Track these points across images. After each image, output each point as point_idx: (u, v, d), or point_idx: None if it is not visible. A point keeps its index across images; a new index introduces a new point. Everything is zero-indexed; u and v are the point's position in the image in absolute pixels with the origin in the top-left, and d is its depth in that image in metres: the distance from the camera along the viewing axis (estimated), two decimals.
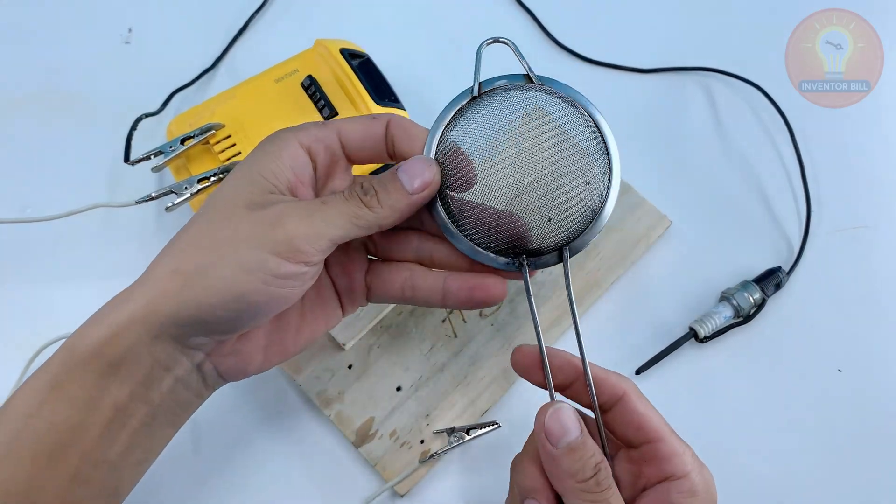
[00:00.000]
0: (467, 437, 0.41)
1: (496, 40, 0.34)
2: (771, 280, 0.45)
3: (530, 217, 0.33)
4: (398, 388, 0.43)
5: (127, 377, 0.29)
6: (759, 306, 0.45)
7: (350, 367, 0.44)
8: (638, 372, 0.44)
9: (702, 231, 0.48)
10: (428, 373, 0.44)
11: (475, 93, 0.34)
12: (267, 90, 0.44)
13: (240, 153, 0.42)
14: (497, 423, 0.41)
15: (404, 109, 0.45)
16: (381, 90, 0.44)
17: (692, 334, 0.44)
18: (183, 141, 0.42)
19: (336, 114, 0.43)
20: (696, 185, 0.50)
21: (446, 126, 0.34)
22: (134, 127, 0.45)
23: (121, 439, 0.30)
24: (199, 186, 0.41)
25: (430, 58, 0.54)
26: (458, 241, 0.34)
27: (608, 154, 0.34)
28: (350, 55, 0.45)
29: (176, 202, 0.41)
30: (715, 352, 0.45)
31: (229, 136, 0.42)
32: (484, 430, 0.41)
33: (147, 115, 0.47)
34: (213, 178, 0.41)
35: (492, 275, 0.34)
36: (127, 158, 0.43)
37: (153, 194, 0.42)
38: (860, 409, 0.44)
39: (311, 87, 0.44)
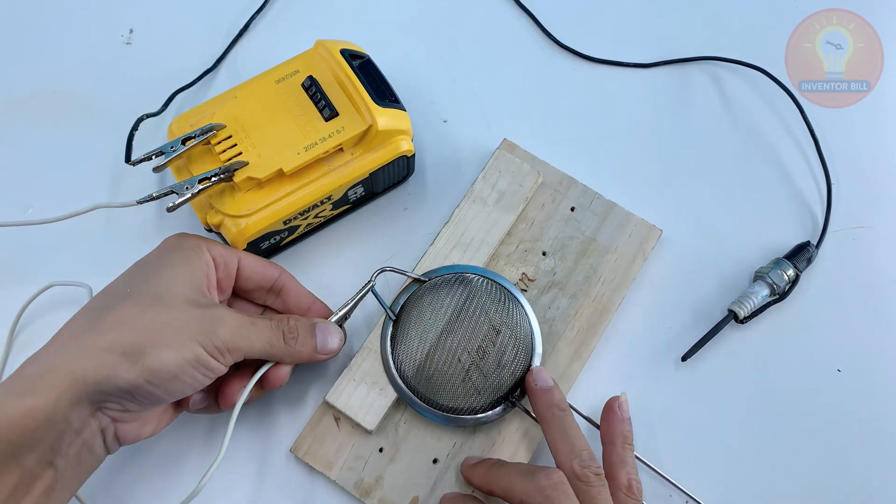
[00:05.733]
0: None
1: (382, 270, 0.43)
2: (802, 255, 0.46)
3: (498, 376, 0.41)
4: (434, 461, 0.42)
5: (38, 443, 0.30)
6: (793, 283, 0.46)
7: (381, 449, 0.42)
8: (684, 359, 0.45)
9: (704, 226, 0.49)
10: (461, 438, 0.42)
11: (393, 317, 0.43)
12: (268, 91, 0.44)
13: (241, 153, 0.42)
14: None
15: (404, 109, 0.45)
16: (381, 90, 0.44)
17: (731, 316, 0.45)
18: (184, 141, 0.42)
19: (337, 114, 0.43)
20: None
21: (392, 352, 0.42)
22: (135, 127, 0.45)
23: None
24: (200, 186, 0.41)
25: (430, 58, 0.54)
26: (463, 422, 0.41)
27: (509, 291, 0.43)
28: (350, 56, 0.45)
29: (177, 202, 0.41)
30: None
31: (230, 137, 0.42)
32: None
33: (148, 116, 0.47)
34: (214, 179, 0.41)
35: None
36: (128, 159, 0.43)
37: (154, 194, 0.42)
38: (860, 410, 0.44)
39: (312, 88, 0.44)
